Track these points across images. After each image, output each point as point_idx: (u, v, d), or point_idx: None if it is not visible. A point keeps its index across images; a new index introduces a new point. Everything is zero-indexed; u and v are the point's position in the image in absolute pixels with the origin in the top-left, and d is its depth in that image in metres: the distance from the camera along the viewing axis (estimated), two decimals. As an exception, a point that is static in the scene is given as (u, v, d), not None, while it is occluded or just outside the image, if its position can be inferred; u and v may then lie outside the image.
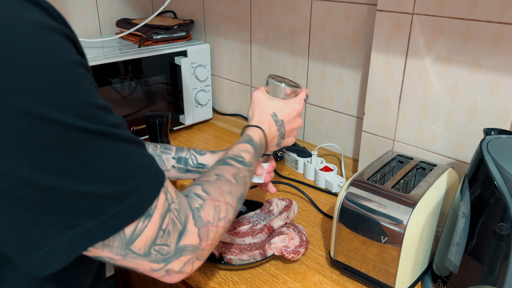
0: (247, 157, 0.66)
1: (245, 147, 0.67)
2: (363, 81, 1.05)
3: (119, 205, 0.40)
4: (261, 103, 0.74)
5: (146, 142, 0.83)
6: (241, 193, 0.60)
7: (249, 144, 0.68)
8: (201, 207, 0.51)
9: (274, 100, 0.75)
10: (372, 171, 0.77)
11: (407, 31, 0.86)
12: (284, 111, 0.74)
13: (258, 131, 0.71)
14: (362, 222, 0.70)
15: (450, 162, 0.88)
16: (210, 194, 0.54)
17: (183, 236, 0.47)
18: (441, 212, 0.73)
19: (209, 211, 0.52)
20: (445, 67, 0.83)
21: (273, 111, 0.74)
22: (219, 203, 0.54)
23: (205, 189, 0.54)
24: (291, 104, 0.75)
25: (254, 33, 1.26)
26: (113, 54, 1.19)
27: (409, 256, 0.68)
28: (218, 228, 0.52)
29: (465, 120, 0.84)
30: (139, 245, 0.43)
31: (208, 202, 0.52)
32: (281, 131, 0.75)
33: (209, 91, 1.37)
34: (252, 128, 0.72)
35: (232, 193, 0.58)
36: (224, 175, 0.59)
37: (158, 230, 0.44)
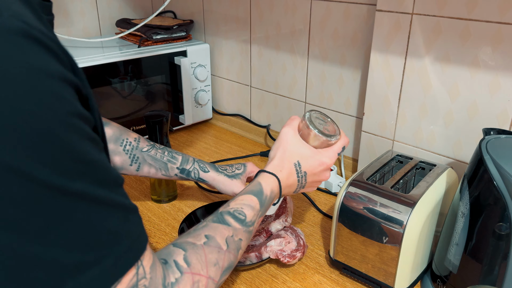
0: (249, 214, 0.58)
1: (251, 201, 0.60)
2: (363, 81, 1.05)
3: (78, 278, 0.35)
4: (287, 146, 0.67)
5: (156, 145, 0.82)
6: (229, 263, 0.53)
7: (256, 198, 0.60)
8: (177, 283, 0.44)
9: (303, 146, 0.67)
10: (372, 171, 0.77)
11: (407, 31, 0.86)
12: (311, 163, 0.67)
13: (272, 181, 0.64)
14: (362, 222, 0.70)
15: (450, 162, 0.88)
16: (192, 266, 0.47)
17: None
18: (440, 212, 0.73)
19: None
20: (445, 67, 0.84)
21: (298, 160, 0.66)
22: (199, 277, 0.48)
23: (187, 259, 0.48)
24: (321, 157, 0.67)
25: (254, 33, 1.26)
26: (113, 54, 1.19)
27: (408, 256, 0.68)
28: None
29: (464, 120, 0.84)
30: None
31: (186, 277, 0.46)
32: (301, 183, 0.68)
33: (208, 91, 1.37)
34: (267, 176, 0.64)
35: (218, 264, 0.51)
36: (215, 238, 0.53)
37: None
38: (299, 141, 0.67)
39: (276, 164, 0.66)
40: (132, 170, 0.80)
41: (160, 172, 0.82)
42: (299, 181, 0.67)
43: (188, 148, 1.25)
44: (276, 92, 1.26)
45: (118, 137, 0.79)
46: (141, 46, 1.29)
